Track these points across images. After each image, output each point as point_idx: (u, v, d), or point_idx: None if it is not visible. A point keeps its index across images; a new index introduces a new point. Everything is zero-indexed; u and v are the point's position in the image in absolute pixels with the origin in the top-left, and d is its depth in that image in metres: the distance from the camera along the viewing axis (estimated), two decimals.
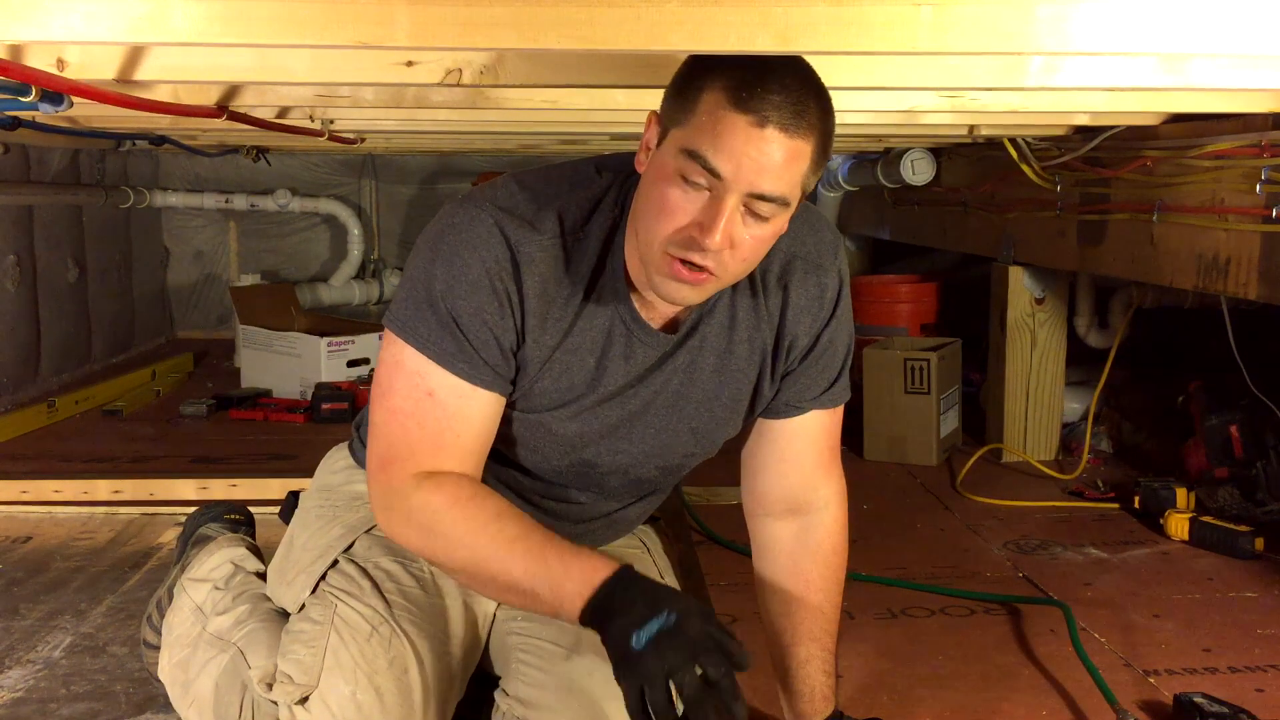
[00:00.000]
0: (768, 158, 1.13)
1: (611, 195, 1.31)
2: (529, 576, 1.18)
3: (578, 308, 1.30)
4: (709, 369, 1.38)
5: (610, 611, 1.13)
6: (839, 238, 1.45)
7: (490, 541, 1.21)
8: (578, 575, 1.16)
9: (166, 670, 1.59)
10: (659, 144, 1.21)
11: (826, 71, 1.22)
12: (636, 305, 1.31)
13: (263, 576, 1.63)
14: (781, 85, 1.14)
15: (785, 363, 1.41)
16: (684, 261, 1.18)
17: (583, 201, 1.30)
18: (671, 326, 1.35)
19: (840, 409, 1.48)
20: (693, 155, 1.15)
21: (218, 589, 1.61)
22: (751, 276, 1.34)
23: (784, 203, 1.18)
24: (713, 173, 1.14)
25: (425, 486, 1.26)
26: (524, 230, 1.26)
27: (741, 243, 1.18)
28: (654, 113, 1.23)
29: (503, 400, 1.31)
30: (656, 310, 1.33)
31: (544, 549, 1.19)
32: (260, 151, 4.50)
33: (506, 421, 1.35)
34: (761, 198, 1.15)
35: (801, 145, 1.15)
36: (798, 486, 1.47)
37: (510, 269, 1.25)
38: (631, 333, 1.32)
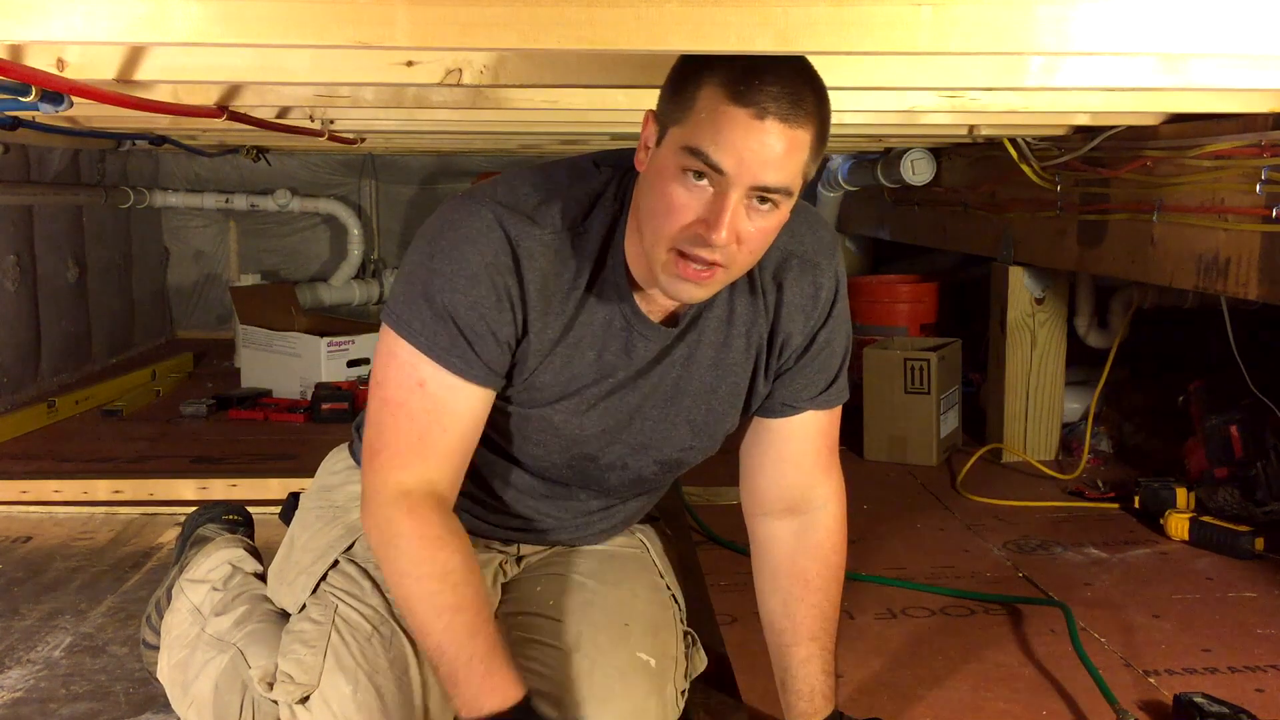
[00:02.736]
0: (769, 150, 1.14)
1: (611, 190, 1.31)
2: (438, 651, 1.21)
3: (579, 302, 1.30)
4: (706, 363, 1.38)
5: None
6: (837, 239, 1.45)
7: (425, 598, 1.23)
8: (488, 685, 1.19)
9: (165, 671, 1.59)
10: (658, 142, 1.21)
11: (826, 71, 1.22)
12: (638, 300, 1.32)
13: (260, 577, 1.63)
14: (777, 76, 1.14)
15: (779, 361, 1.41)
16: (691, 259, 1.18)
17: (582, 196, 1.30)
18: (671, 320, 1.35)
19: (839, 409, 1.48)
20: (694, 152, 1.15)
21: (215, 590, 1.61)
22: (750, 272, 1.34)
23: (787, 193, 1.18)
24: (715, 168, 1.14)
25: (403, 504, 1.25)
26: (524, 225, 1.26)
27: (748, 236, 1.19)
28: (651, 112, 1.24)
29: (493, 396, 1.30)
30: (657, 304, 1.33)
31: (472, 635, 1.21)
32: (260, 151, 4.49)
33: (508, 417, 1.35)
34: (765, 189, 1.16)
35: (801, 135, 1.15)
36: (796, 485, 1.47)
37: (511, 264, 1.25)
38: (632, 326, 1.32)
